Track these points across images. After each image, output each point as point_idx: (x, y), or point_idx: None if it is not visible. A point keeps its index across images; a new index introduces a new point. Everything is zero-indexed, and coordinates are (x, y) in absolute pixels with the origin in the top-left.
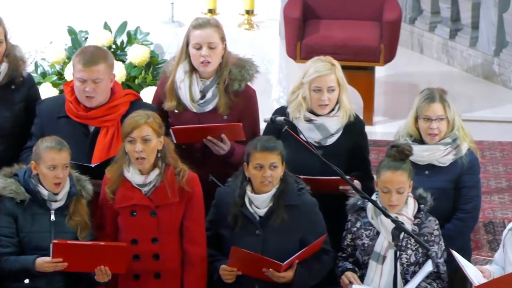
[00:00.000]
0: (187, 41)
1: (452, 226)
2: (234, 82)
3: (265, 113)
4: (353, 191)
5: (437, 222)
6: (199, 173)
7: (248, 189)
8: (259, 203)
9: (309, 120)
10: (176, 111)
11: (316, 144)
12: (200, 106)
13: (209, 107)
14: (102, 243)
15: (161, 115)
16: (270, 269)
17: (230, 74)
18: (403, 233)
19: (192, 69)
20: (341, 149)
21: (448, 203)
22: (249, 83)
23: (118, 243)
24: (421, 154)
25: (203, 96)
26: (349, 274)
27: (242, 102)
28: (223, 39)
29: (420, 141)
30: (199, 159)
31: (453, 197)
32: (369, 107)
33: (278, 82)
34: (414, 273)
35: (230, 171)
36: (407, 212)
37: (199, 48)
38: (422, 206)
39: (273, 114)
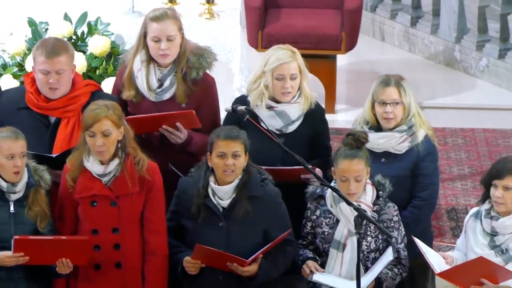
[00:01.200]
0: (145, 32)
1: (408, 214)
2: (192, 70)
3: (227, 103)
4: (315, 180)
5: (396, 208)
6: (158, 163)
7: (211, 180)
8: (222, 194)
9: (270, 107)
10: (134, 100)
11: (277, 132)
12: (157, 94)
13: (167, 95)
14: (64, 237)
15: (121, 104)
16: (234, 264)
17: (188, 62)
18: (365, 220)
19: (150, 59)
20: (302, 137)
21: (405, 191)
22: (207, 71)
23: (80, 237)
24: (377, 141)
25: (160, 85)
26: (310, 263)
27: (201, 91)
28: (180, 29)
29: (377, 128)
30: (158, 148)
31: (410, 184)
32: (331, 95)
33: (240, 71)
34: (375, 259)
35: (190, 160)
36: (366, 199)
37: (158, 41)
38: (380, 192)
39: (234, 103)
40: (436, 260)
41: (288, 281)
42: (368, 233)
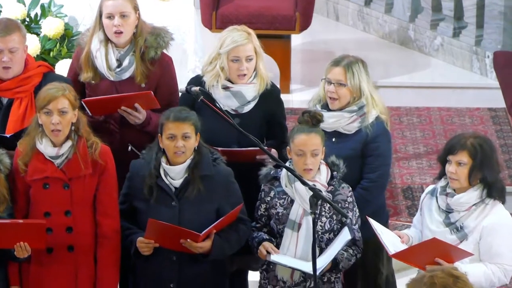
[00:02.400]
0: (100, 12)
1: (357, 195)
2: (150, 49)
3: (181, 84)
4: (270, 160)
5: (351, 189)
6: (118, 144)
7: (163, 161)
8: (174, 174)
9: (226, 88)
10: (93, 82)
11: (233, 112)
12: (117, 74)
13: (126, 75)
14: (20, 221)
15: (78, 87)
16: (188, 240)
17: (145, 42)
18: (320, 200)
19: (107, 39)
20: (257, 117)
21: (355, 171)
22: (164, 51)
23: (36, 220)
24: (327, 120)
25: (119, 65)
26: (266, 244)
27: (159, 70)
28: (136, 8)
29: (328, 107)
30: (117, 129)
31: (360, 165)
32: (286, 75)
33: (194, 52)
34: (329, 240)
35: (149, 140)
36: (321, 179)
37: (111, 17)
38: (335, 173)
39: (188, 83)
40: (391, 240)
41: (243, 261)
42: (323, 213)
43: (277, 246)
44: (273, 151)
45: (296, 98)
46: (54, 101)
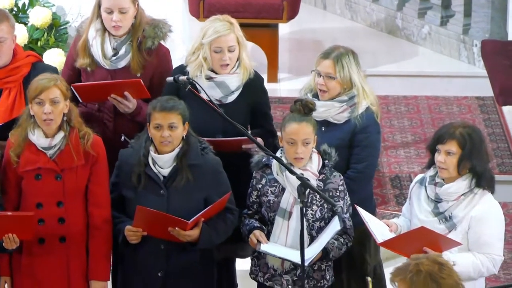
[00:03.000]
0: (99, 2)
1: None
2: (147, 40)
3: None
4: (256, 149)
5: (342, 177)
6: (111, 134)
7: (152, 150)
8: (162, 163)
9: (209, 78)
10: (88, 69)
11: (217, 102)
12: (112, 62)
13: (122, 63)
14: (9, 213)
15: (74, 74)
16: (176, 228)
17: (143, 32)
18: (308, 189)
19: (104, 28)
20: (241, 106)
21: (343, 161)
22: (162, 42)
23: (25, 212)
24: (317, 109)
25: (116, 53)
26: (257, 233)
27: (155, 61)
28: (134, 1)
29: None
30: (111, 119)
31: (348, 155)
32: (273, 65)
33: (182, 41)
34: (320, 228)
35: (142, 130)
36: (312, 167)
37: (110, 12)
38: (326, 162)
39: (172, 73)
40: (379, 229)
41: (229, 249)
42: (314, 201)
43: (268, 233)
44: (259, 140)
45: (284, 87)
46: (46, 91)
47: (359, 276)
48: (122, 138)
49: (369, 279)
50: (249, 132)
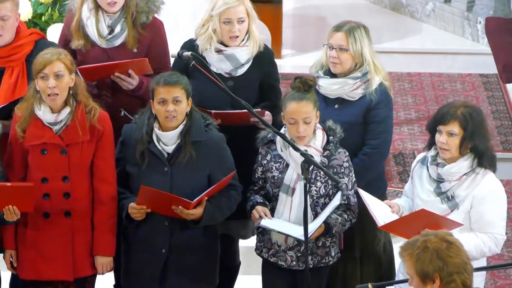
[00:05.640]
0: None
1: (358, 161)
2: (142, 14)
3: (175, 48)
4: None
5: (347, 154)
6: (110, 109)
7: (156, 126)
8: (167, 140)
9: (219, 51)
10: (83, 49)
11: (227, 75)
12: (108, 41)
13: (118, 41)
14: (8, 184)
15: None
16: (179, 207)
17: (136, 7)
18: (312, 165)
19: (98, 6)
20: (251, 79)
21: (357, 137)
22: (156, 15)
23: (24, 183)
24: (330, 87)
25: (111, 31)
26: (259, 208)
27: (150, 34)
28: None
29: (331, 73)
30: (109, 94)
31: (362, 131)
32: (277, 41)
33: (187, 16)
34: (324, 205)
35: (141, 104)
36: (316, 144)
37: None
38: (331, 138)
39: (181, 48)
40: (381, 211)
41: (233, 227)
42: (318, 178)
43: (273, 209)
44: (267, 113)
45: (288, 63)
46: (50, 65)
47: (372, 254)
48: (122, 113)
49: (370, 286)
50: (259, 105)
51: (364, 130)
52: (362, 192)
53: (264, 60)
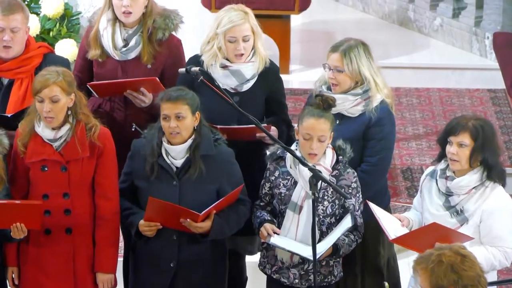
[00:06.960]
0: None
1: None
2: (158, 31)
3: None
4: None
5: (356, 174)
6: (122, 123)
7: (165, 140)
8: (175, 154)
9: (224, 67)
10: (100, 59)
11: (232, 91)
12: (122, 53)
13: (132, 55)
14: (17, 201)
15: (86, 65)
16: (188, 219)
17: (154, 23)
18: (320, 182)
19: (116, 18)
20: (257, 95)
21: (356, 154)
22: (173, 33)
23: (33, 201)
24: None
25: (126, 44)
26: (268, 225)
27: (166, 51)
28: None
29: None
30: (122, 108)
31: (361, 148)
32: (285, 56)
33: (193, 32)
34: (331, 224)
35: (153, 119)
36: (325, 162)
37: None
38: (340, 157)
39: (187, 63)
40: (392, 224)
41: (240, 243)
42: (325, 197)
43: (278, 225)
44: (273, 129)
45: (295, 79)
46: (45, 89)
47: (373, 269)
48: (133, 127)
49: (386, 284)
50: (264, 120)
51: (363, 147)
52: (372, 206)
53: (270, 75)
